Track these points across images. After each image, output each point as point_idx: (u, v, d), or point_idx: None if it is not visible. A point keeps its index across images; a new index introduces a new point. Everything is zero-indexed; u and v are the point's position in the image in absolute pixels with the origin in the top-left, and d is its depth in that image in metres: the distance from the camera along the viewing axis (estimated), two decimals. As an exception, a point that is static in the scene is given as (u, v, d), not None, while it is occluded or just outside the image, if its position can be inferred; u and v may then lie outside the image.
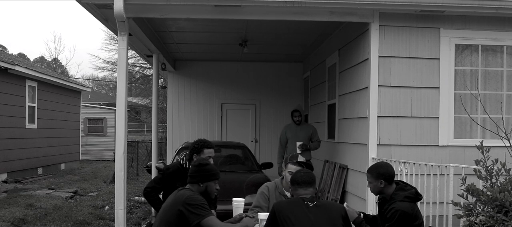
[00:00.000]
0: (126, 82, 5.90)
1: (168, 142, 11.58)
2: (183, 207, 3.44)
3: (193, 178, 3.68)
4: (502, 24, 6.04)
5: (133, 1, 5.62)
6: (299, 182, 3.62)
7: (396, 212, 3.66)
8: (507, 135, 4.45)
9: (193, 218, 3.40)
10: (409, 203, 3.74)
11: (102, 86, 48.60)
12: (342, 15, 5.96)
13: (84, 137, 21.28)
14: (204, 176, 3.66)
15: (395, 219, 3.66)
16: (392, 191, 3.84)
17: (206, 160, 4.14)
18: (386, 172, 3.87)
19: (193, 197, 3.49)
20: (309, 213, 3.43)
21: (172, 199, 3.60)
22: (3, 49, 31.99)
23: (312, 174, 3.77)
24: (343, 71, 7.30)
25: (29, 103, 14.22)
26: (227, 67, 11.71)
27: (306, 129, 8.12)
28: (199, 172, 3.68)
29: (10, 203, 9.61)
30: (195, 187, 3.65)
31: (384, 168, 3.90)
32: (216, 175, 3.74)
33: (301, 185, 3.61)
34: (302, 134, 7.99)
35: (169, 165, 5.11)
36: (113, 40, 23.23)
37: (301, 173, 3.73)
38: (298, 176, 3.68)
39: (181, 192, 3.60)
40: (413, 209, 3.75)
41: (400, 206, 3.69)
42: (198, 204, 3.44)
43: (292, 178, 3.73)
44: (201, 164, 3.76)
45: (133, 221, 8.28)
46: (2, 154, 12.55)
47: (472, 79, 6.12)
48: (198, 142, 4.70)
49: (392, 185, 3.87)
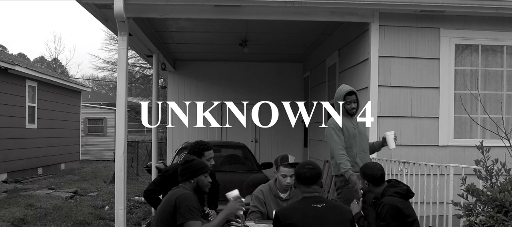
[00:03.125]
0: (126, 82, 5.90)
1: (168, 142, 11.58)
2: (175, 204, 3.49)
3: (183, 176, 3.72)
4: (502, 24, 6.04)
5: (133, 1, 5.62)
6: (301, 178, 3.45)
7: (385, 206, 3.74)
8: (507, 135, 4.45)
9: (179, 218, 3.46)
10: (398, 199, 3.80)
11: (102, 86, 48.61)
12: (342, 15, 5.96)
13: (84, 137, 21.27)
14: (193, 172, 3.69)
15: (384, 213, 3.72)
16: (381, 191, 3.91)
17: (192, 156, 4.15)
18: (371, 173, 3.94)
19: (184, 197, 3.51)
20: (318, 215, 3.28)
21: (167, 197, 3.65)
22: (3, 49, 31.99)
23: (317, 168, 3.53)
24: (343, 71, 7.30)
25: (29, 103, 14.21)
26: (227, 67, 11.71)
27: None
28: (187, 168, 3.71)
29: (10, 203, 9.60)
30: (187, 184, 3.68)
31: (370, 170, 3.97)
32: (204, 168, 3.74)
33: (304, 182, 3.44)
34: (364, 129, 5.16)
35: (169, 167, 5.11)
36: (113, 40, 23.24)
37: (304, 169, 3.48)
38: (301, 171, 3.47)
39: (175, 191, 3.65)
40: (404, 204, 3.78)
41: (388, 200, 3.77)
42: (186, 205, 3.45)
43: (296, 173, 3.54)
44: (187, 160, 3.78)
45: (133, 221, 8.28)
46: (2, 154, 12.54)
47: (472, 79, 6.12)
48: (197, 144, 4.67)
49: (380, 186, 3.93)
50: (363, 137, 4.94)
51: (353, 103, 4.91)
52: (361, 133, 4.94)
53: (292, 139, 11.67)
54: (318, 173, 3.48)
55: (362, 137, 4.94)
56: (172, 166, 5.04)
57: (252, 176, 7.34)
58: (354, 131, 4.89)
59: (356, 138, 4.89)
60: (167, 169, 4.90)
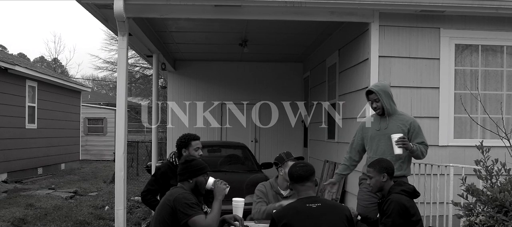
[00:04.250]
0: (126, 82, 5.90)
1: (168, 142, 11.58)
2: (173, 205, 3.48)
3: (182, 175, 3.70)
4: (502, 24, 6.04)
5: (133, 1, 5.62)
6: (294, 177, 3.46)
7: (392, 203, 3.77)
8: (507, 135, 4.45)
9: (181, 217, 3.45)
10: (405, 197, 3.84)
11: (102, 86, 48.60)
12: (342, 15, 5.96)
13: (84, 137, 21.27)
14: (192, 172, 3.67)
15: (391, 210, 3.74)
16: (388, 188, 3.95)
17: (192, 156, 4.15)
18: (388, 165, 4.01)
19: (183, 195, 3.51)
20: (313, 216, 3.29)
21: (165, 198, 3.64)
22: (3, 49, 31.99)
23: (309, 166, 3.54)
24: (343, 71, 7.30)
25: (29, 103, 14.22)
26: (227, 67, 11.71)
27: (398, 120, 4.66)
28: (186, 168, 3.69)
29: (10, 203, 9.61)
30: (185, 184, 3.67)
31: (386, 162, 4.04)
32: (203, 169, 3.73)
33: (297, 180, 3.44)
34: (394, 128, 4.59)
35: (160, 165, 5.11)
36: (113, 40, 23.24)
37: (296, 167, 3.51)
38: (294, 171, 3.48)
39: (173, 191, 3.64)
40: (410, 203, 3.81)
41: (395, 198, 3.79)
42: (186, 203, 3.46)
43: (288, 174, 3.55)
44: (187, 160, 3.77)
45: (133, 221, 8.28)
46: (2, 154, 12.54)
47: (472, 79, 6.12)
48: (184, 136, 4.73)
49: (391, 181, 3.99)
50: (389, 141, 4.39)
51: (374, 102, 4.56)
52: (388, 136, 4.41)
53: (292, 139, 11.67)
54: (310, 170, 3.49)
55: (387, 141, 4.43)
56: (164, 163, 5.05)
57: (252, 176, 7.36)
58: (376, 133, 4.54)
59: (374, 140, 4.55)
60: (159, 167, 4.91)
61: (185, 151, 4.65)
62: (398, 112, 4.64)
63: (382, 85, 4.67)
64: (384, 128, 4.53)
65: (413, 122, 4.56)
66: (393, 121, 4.53)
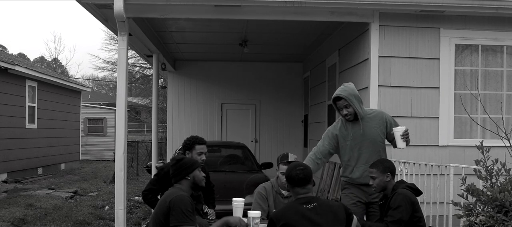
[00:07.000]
0: (126, 82, 5.90)
1: (168, 142, 11.57)
2: (169, 206, 3.46)
3: (177, 175, 3.69)
4: (502, 24, 6.04)
5: (133, 1, 5.62)
6: (295, 180, 3.43)
7: (400, 195, 3.81)
8: (507, 135, 4.45)
9: (172, 220, 3.43)
10: (410, 192, 3.92)
11: (102, 86, 48.60)
12: (342, 15, 5.96)
13: (84, 137, 21.27)
14: (186, 168, 3.67)
15: (399, 201, 3.78)
16: (391, 186, 3.99)
17: (180, 155, 4.15)
18: (391, 165, 4.05)
19: (178, 199, 3.45)
20: (309, 217, 3.30)
21: (162, 199, 3.64)
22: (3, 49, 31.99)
23: (308, 169, 3.51)
24: (343, 71, 7.30)
25: (29, 103, 14.22)
26: (227, 67, 11.71)
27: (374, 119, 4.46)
28: (180, 167, 3.69)
29: (10, 203, 9.61)
30: (183, 183, 3.66)
31: (388, 162, 4.08)
32: (196, 164, 3.75)
33: (297, 183, 3.43)
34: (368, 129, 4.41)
35: (163, 165, 5.11)
36: (113, 40, 23.22)
37: (296, 171, 3.45)
38: (293, 174, 3.44)
39: (170, 191, 3.61)
40: (415, 198, 3.91)
41: (402, 192, 3.86)
42: (180, 208, 3.40)
43: (286, 176, 3.53)
44: (177, 160, 3.77)
45: (133, 221, 8.28)
46: (2, 154, 12.54)
47: (472, 79, 6.12)
48: (189, 138, 4.72)
49: (394, 180, 4.04)
50: (371, 145, 4.26)
51: (344, 109, 4.22)
52: (369, 140, 4.25)
53: (292, 139, 11.68)
54: (309, 173, 3.48)
55: (369, 146, 4.27)
56: (167, 164, 5.05)
57: (252, 176, 7.36)
58: (354, 142, 4.27)
59: (354, 149, 4.28)
60: (162, 167, 4.89)
61: (189, 153, 4.64)
62: (367, 112, 4.40)
63: (350, 89, 4.27)
64: (360, 133, 4.27)
65: (384, 115, 4.42)
66: (366, 123, 4.29)
